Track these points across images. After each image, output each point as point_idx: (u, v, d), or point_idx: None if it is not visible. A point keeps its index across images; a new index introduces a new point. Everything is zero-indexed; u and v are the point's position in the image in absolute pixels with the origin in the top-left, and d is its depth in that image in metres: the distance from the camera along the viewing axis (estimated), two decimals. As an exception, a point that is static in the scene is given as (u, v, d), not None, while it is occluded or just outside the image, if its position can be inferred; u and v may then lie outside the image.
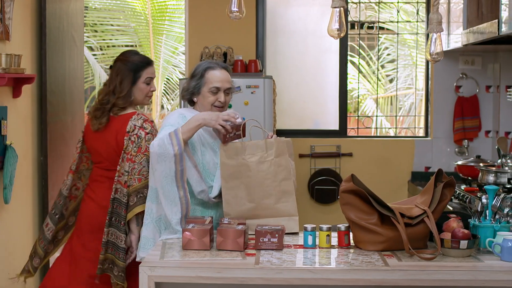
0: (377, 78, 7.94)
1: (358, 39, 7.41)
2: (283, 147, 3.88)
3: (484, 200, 3.48)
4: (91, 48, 9.95)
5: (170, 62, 9.85)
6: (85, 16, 8.87)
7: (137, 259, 3.91)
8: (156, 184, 3.77)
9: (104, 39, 10.10)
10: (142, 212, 3.95)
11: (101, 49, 10.08)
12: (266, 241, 3.36)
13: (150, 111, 9.98)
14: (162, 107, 9.98)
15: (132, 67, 4.17)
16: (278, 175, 3.84)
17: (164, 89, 9.88)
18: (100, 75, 9.57)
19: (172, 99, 10.02)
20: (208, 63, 4.06)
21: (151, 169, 3.80)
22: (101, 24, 10.14)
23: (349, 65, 7.22)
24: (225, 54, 6.40)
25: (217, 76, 3.99)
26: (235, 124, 3.77)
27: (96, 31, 10.12)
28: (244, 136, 3.84)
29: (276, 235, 3.36)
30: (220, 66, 4.05)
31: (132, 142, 4.03)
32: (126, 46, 10.23)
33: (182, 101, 6.08)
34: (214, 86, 3.97)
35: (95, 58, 9.84)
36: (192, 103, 4.09)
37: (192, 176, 3.85)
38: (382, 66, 9.95)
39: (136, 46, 10.06)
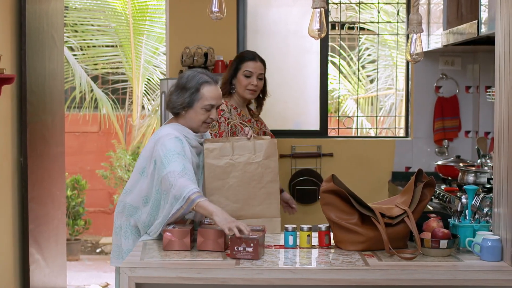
0: (358, 78, 7.96)
1: (339, 39, 7.42)
2: (272, 149, 3.88)
3: (463, 200, 3.50)
4: (71, 48, 9.89)
5: (151, 62, 9.81)
6: (65, 16, 8.84)
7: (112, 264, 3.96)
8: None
9: (84, 39, 10.04)
10: None
11: (81, 49, 10.02)
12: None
13: (131, 112, 9.96)
14: (143, 107, 9.94)
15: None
16: (264, 177, 3.84)
17: (145, 90, 9.85)
18: (80, 75, 9.53)
19: (153, 100, 9.99)
20: (202, 76, 3.83)
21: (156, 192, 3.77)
22: (82, 24, 10.08)
23: (330, 65, 7.22)
24: (206, 55, 6.39)
25: (212, 93, 3.81)
26: (248, 237, 3.29)
27: (76, 31, 10.06)
28: (257, 258, 3.29)
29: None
30: (214, 80, 3.84)
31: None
32: (107, 46, 10.19)
33: (163, 102, 6.06)
34: (210, 104, 3.80)
35: (76, 58, 9.78)
36: (177, 114, 3.90)
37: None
38: (363, 67, 9.97)
39: (116, 46, 10.03)
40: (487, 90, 5.96)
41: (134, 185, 3.88)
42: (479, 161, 5.47)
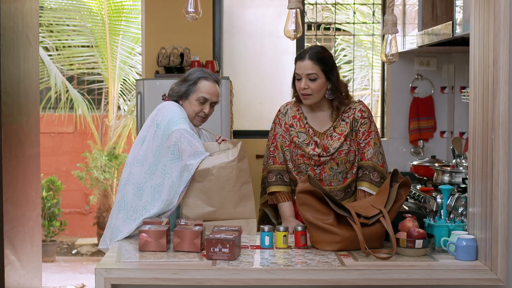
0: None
1: (315, 40, 7.42)
2: (243, 151, 3.91)
3: (439, 200, 3.51)
4: (46, 49, 9.83)
5: (127, 62, 9.77)
6: (40, 16, 8.79)
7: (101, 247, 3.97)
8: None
9: (59, 40, 9.98)
10: None
11: (56, 50, 9.96)
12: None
13: (107, 112, 9.92)
14: (119, 108, 9.90)
15: None
16: (239, 180, 3.86)
17: (120, 90, 9.81)
18: (55, 76, 9.47)
19: (129, 100, 9.95)
20: (203, 73, 4.11)
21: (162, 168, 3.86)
22: (57, 24, 10.02)
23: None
24: (182, 55, 6.38)
25: (208, 88, 4.06)
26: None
27: (51, 31, 10.00)
28: (233, 259, 3.28)
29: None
30: (213, 78, 4.11)
31: None
32: (82, 46, 10.14)
33: (139, 103, 6.04)
34: (203, 96, 4.04)
35: (51, 59, 9.72)
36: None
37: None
38: (339, 67, 10.00)
39: (92, 46, 9.98)
40: (462, 90, 6.00)
41: (135, 157, 3.99)
42: (454, 161, 5.51)
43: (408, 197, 5.30)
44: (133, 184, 3.90)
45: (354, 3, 7.10)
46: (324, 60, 3.91)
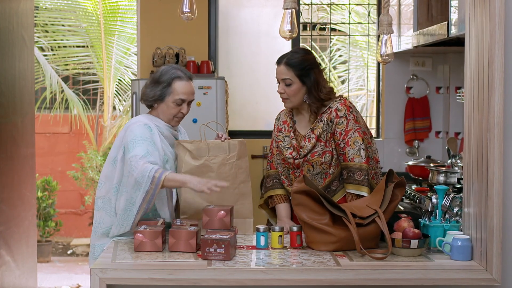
0: (329, 79, 7.98)
1: (310, 40, 7.43)
2: (244, 149, 3.92)
3: (434, 200, 3.52)
4: (41, 49, 9.82)
5: (122, 63, 9.77)
6: (35, 16, 8.78)
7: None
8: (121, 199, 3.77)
9: (55, 40, 9.97)
10: None
11: (52, 50, 9.95)
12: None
13: (102, 112, 9.91)
14: (114, 108, 9.89)
15: None
16: (238, 177, 3.87)
17: (116, 90, 9.80)
18: (51, 76, 9.46)
19: (124, 100, 9.94)
20: (176, 71, 3.93)
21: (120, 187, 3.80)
22: (52, 24, 10.01)
23: (302, 66, 7.22)
24: (177, 55, 6.37)
25: (184, 88, 3.91)
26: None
27: (47, 31, 9.99)
28: (228, 259, 3.28)
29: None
30: (187, 76, 3.95)
31: None
32: (78, 46, 10.14)
33: (135, 104, 6.04)
34: (180, 98, 3.90)
35: (46, 59, 9.71)
36: (150, 107, 4.02)
37: (164, 208, 3.87)
38: (334, 67, 10.00)
39: (87, 46, 9.98)
40: (457, 90, 6.00)
41: (108, 176, 3.92)
42: (449, 161, 5.51)
43: (403, 197, 5.31)
44: (110, 210, 3.88)
45: (349, 4, 7.10)
46: (299, 65, 3.93)
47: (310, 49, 8.12)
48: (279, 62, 3.98)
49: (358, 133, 3.87)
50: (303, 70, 3.91)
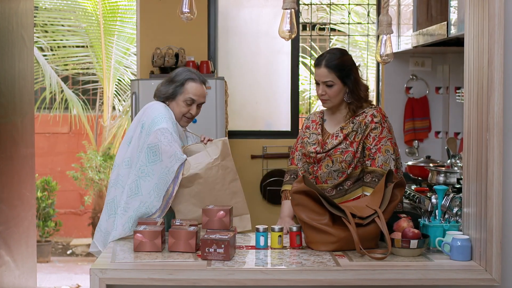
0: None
1: (310, 40, 7.43)
2: (226, 149, 3.94)
3: (433, 200, 3.52)
4: (41, 49, 9.82)
5: (122, 63, 9.77)
6: (35, 16, 8.77)
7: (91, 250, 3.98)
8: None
9: (54, 40, 9.97)
10: None
11: (51, 50, 9.95)
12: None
13: (101, 113, 9.91)
14: (114, 108, 9.89)
15: None
16: (226, 178, 3.89)
17: (115, 90, 9.80)
18: (50, 76, 9.46)
19: (124, 100, 9.94)
20: (191, 73, 4.11)
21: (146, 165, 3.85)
22: (52, 25, 10.01)
23: (301, 66, 7.24)
24: (177, 55, 6.37)
25: (195, 89, 4.08)
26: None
27: (46, 31, 9.99)
28: (228, 259, 3.30)
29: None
30: (200, 79, 4.12)
31: None
32: (77, 46, 10.14)
33: (134, 102, 6.04)
34: (191, 98, 4.06)
35: (46, 59, 9.71)
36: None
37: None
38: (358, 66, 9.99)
39: (87, 46, 9.98)
40: (457, 91, 6.00)
41: (122, 157, 4.00)
42: (449, 161, 5.51)
43: (403, 197, 5.30)
44: (121, 186, 3.90)
45: (349, 4, 7.11)
46: (340, 67, 3.91)
47: (309, 49, 8.13)
48: (318, 64, 3.94)
49: (391, 143, 3.91)
50: (344, 71, 3.91)
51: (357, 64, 4.04)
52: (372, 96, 7.12)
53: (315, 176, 3.95)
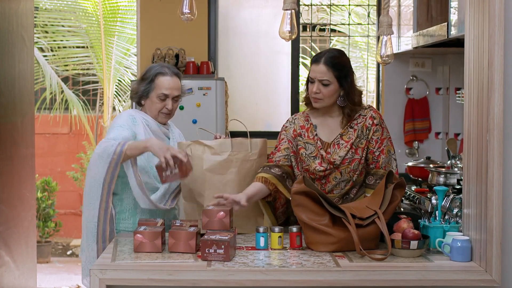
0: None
1: (310, 41, 7.43)
2: (264, 148, 3.95)
3: (434, 201, 3.52)
4: (41, 49, 9.82)
5: (122, 63, 9.77)
6: (35, 17, 8.77)
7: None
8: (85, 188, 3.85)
9: (55, 40, 9.98)
10: None
11: (51, 50, 9.96)
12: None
13: (102, 113, 9.91)
14: (114, 108, 9.89)
15: None
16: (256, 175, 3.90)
17: (115, 91, 9.81)
18: (50, 76, 9.46)
19: (124, 101, 9.95)
20: (160, 68, 4.03)
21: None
22: (52, 25, 10.01)
23: (301, 67, 7.24)
24: (177, 56, 6.38)
25: (166, 83, 4.00)
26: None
27: (46, 32, 10.00)
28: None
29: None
30: (171, 72, 4.02)
31: None
32: (77, 47, 10.14)
33: (134, 104, 6.04)
34: (163, 93, 3.99)
35: (46, 59, 9.72)
36: (140, 104, 4.11)
37: (137, 194, 3.85)
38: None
39: (87, 47, 9.98)
40: (457, 91, 6.00)
41: None
42: (449, 162, 5.51)
43: (403, 198, 5.31)
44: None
45: (349, 4, 7.11)
46: (339, 66, 3.80)
47: (310, 50, 8.14)
48: (317, 60, 3.79)
49: (390, 143, 3.90)
50: (343, 71, 3.81)
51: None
52: (373, 97, 7.13)
53: (322, 189, 3.86)
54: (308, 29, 7.23)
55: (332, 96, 3.81)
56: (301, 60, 7.04)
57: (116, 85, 9.89)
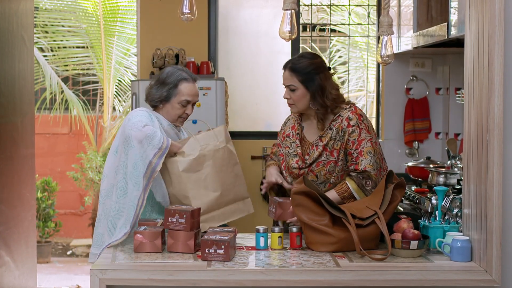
0: (329, 80, 7.96)
1: (310, 41, 7.43)
2: (227, 134, 4.00)
3: (434, 201, 3.52)
4: (41, 49, 9.81)
5: (122, 63, 9.76)
6: (35, 17, 8.77)
7: (90, 256, 3.91)
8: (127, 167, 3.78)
9: (55, 40, 9.97)
10: None
11: (51, 50, 9.95)
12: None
13: (102, 113, 9.90)
14: (114, 108, 9.89)
15: None
16: (231, 161, 3.94)
17: (116, 91, 9.80)
18: (50, 76, 9.46)
19: (124, 101, 9.94)
20: (182, 73, 4.01)
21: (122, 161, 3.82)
22: (52, 25, 10.00)
23: (301, 67, 7.21)
24: (177, 56, 6.37)
25: (189, 90, 4.01)
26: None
27: (46, 32, 9.99)
28: (228, 260, 3.50)
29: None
30: (192, 78, 4.04)
31: None
32: (77, 47, 10.13)
33: (134, 103, 6.05)
34: (186, 100, 4.00)
35: (46, 59, 9.70)
36: (154, 107, 4.08)
37: (161, 186, 3.89)
38: (334, 68, 10.00)
39: (87, 47, 9.97)
40: (457, 92, 6.00)
41: (111, 166, 3.93)
42: (449, 162, 5.51)
43: (403, 198, 5.31)
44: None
45: (349, 4, 7.11)
46: (303, 71, 3.84)
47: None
48: (284, 67, 3.91)
49: (371, 143, 3.80)
50: (307, 75, 3.83)
51: (332, 71, 3.96)
52: (373, 97, 7.13)
53: None
54: (308, 29, 7.22)
55: (301, 100, 3.88)
56: (301, 60, 7.02)
57: (116, 85, 9.89)
